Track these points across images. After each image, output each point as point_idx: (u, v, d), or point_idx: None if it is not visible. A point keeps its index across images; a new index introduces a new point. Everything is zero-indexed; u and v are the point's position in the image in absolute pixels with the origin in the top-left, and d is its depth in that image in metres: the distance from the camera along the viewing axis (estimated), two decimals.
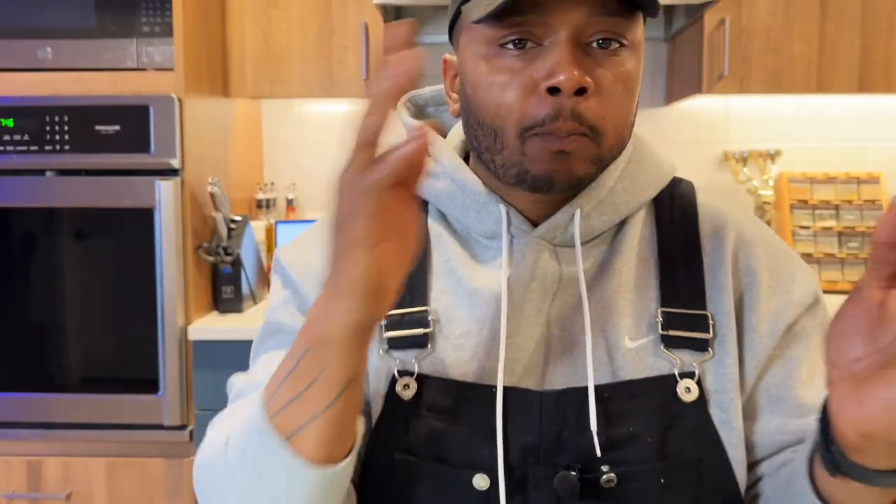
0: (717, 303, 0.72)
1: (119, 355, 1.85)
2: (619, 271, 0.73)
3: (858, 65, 2.07)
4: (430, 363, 0.71)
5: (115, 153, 1.81)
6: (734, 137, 2.44)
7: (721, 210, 0.77)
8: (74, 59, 1.88)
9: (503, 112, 0.65)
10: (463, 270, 0.73)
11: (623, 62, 0.65)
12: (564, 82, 0.61)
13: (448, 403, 0.69)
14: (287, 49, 2.12)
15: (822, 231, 2.31)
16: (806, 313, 0.74)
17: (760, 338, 0.72)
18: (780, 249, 0.77)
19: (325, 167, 2.50)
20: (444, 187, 0.75)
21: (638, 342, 0.70)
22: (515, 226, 0.72)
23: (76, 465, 1.86)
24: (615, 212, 0.73)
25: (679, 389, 0.69)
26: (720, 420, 0.69)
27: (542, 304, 0.71)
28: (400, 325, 0.72)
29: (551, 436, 0.68)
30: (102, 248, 1.84)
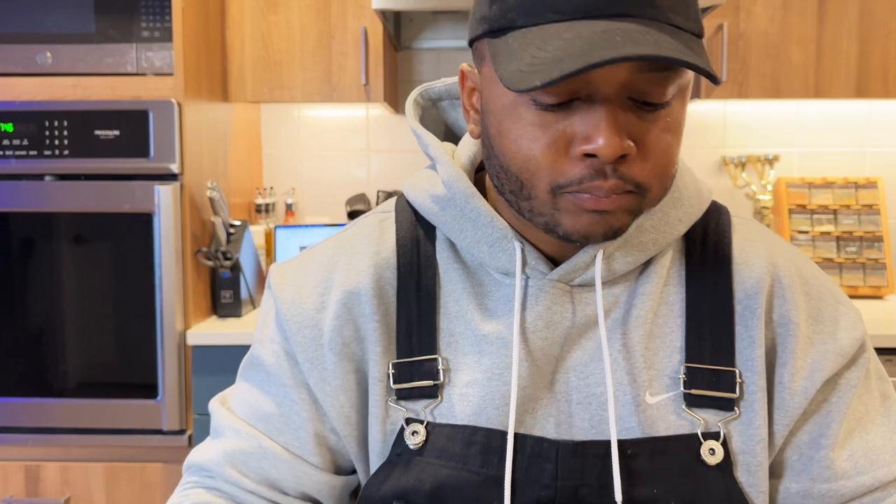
0: (746, 356, 0.66)
1: (118, 360, 1.85)
2: (643, 318, 0.66)
3: (856, 70, 2.07)
4: (441, 412, 0.67)
5: (115, 158, 1.81)
6: (733, 142, 2.45)
7: (758, 249, 0.70)
8: (74, 64, 1.88)
9: (532, 167, 0.58)
10: (472, 313, 0.68)
11: (671, 112, 0.58)
12: (603, 150, 0.55)
13: (457, 450, 0.65)
14: (286, 54, 2.12)
15: (821, 236, 2.32)
16: (850, 366, 0.68)
17: (793, 395, 0.66)
18: (823, 293, 0.70)
19: (324, 172, 2.51)
20: (453, 218, 0.68)
21: (658, 398, 0.65)
22: (531, 265, 0.66)
23: (75, 469, 1.85)
24: (641, 252, 0.66)
25: (703, 451, 0.64)
26: (747, 483, 0.65)
27: (559, 351, 0.66)
28: (409, 377, 0.67)
29: (568, 490, 0.63)
30: (101, 252, 1.84)
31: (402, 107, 2.48)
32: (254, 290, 2.07)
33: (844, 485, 0.66)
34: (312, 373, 0.69)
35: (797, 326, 0.67)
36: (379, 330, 0.68)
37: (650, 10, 0.54)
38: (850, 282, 2.28)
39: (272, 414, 0.71)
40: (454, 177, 0.68)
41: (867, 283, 2.27)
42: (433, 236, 0.71)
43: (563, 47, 0.53)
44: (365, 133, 2.49)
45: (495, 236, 0.66)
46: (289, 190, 2.48)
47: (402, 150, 2.49)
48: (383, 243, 0.71)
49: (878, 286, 2.26)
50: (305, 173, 2.50)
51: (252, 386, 0.73)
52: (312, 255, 0.75)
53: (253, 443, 0.70)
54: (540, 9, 0.55)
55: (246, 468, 0.70)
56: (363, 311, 0.69)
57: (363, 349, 0.69)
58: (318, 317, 0.69)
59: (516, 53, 0.55)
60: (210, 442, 0.74)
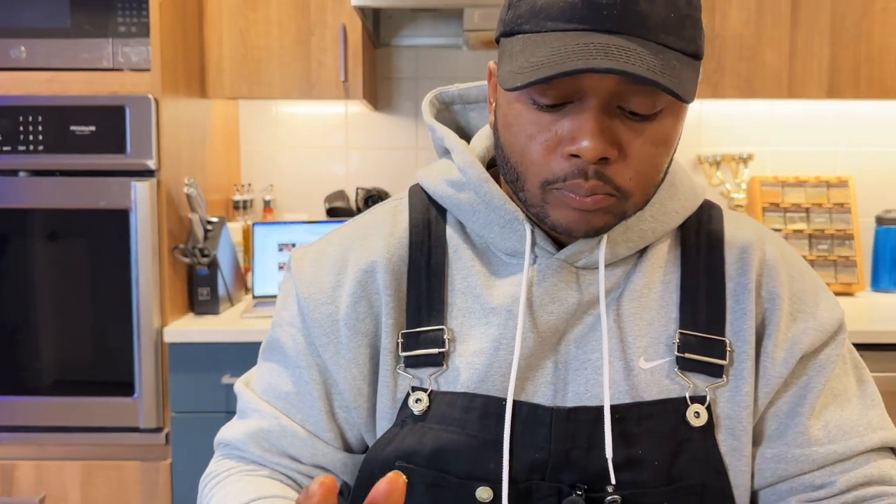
0: (737, 328, 0.71)
1: (94, 357, 1.83)
2: (640, 293, 0.72)
3: (828, 71, 2.11)
4: (445, 380, 0.71)
5: (91, 154, 1.79)
6: (708, 141, 2.48)
7: (748, 234, 0.75)
8: (49, 59, 1.86)
9: (526, 161, 0.64)
10: (481, 288, 0.72)
11: (659, 125, 0.63)
12: (585, 151, 0.60)
13: (457, 415, 0.69)
14: (265, 50, 2.11)
15: (794, 234, 2.36)
16: (829, 342, 0.73)
17: (774, 365, 0.71)
18: (805, 275, 0.75)
19: (302, 169, 2.50)
20: (467, 200, 0.73)
21: (653, 363, 0.70)
22: (540, 246, 0.71)
23: (50, 468, 1.84)
24: (641, 238, 0.72)
25: (689, 414, 0.68)
26: (730, 447, 0.69)
27: (561, 324, 0.71)
28: (416, 345, 0.71)
29: (560, 453, 0.67)
30: (77, 249, 1.82)
31: (382, 104, 2.48)
32: (231, 287, 2.06)
33: (816, 451, 0.70)
34: (328, 347, 0.74)
35: (782, 301, 0.72)
36: (391, 304, 0.73)
37: (640, 29, 0.59)
38: (822, 279, 2.31)
39: (290, 393, 0.76)
40: (469, 163, 0.73)
41: (838, 281, 2.31)
42: (445, 219, 0.76)
43: (547, 55, 0.58)
44: (344, 130, 2.49)
45: (507, 218, 0.71)
46: (267, 186, 2.47)
47: (380, 147, 2.49)
48: (397, 225, 0.76)
49: (849, 283, 2.31)
50: (284, 170, 2.50)
51: (272, 366, 0.78)
52: (330, 238, 0.80)
53: (273, 422, 0.75)
54: (542, 18, 0.61)
55: (268, 444, 0.76)
56: (376, 287, 0.73)
57: (376, 324, 0.74)
58: (335, 294, 0.74)
59: (516, 56, 0.61)
60: (237, 421, 0.79)
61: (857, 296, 2.31)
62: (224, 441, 0.79)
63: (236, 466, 0.77)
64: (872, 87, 2.11)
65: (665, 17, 0.59)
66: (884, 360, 1.84)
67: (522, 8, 0.62)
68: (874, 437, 0.71)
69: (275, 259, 2.17)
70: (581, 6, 0.59)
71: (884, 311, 2.08)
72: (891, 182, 2.47)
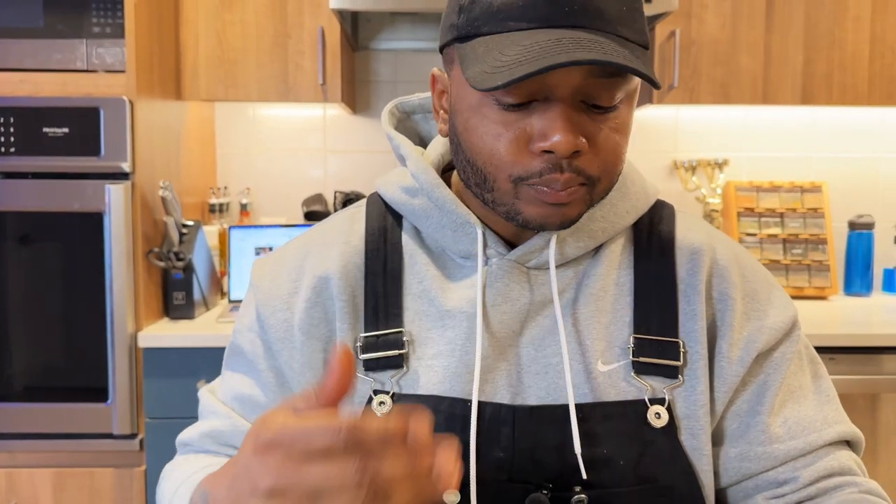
0: (689, 329, 0.72)
1: (67, 363, 1.80)
2: (595, 296, 0.73)
3: (802, 78, 2.14)
4: (406, 382, 0.72)
5: (64, 156, 1.77)
6: (683, 147, 2.50)
7: (699, 236, 0.77)
8: (21, 60, 1.83)
9: (496, 161, 0.64)
10: (436, 292, 0.74)
11: (618, 115, 0.65)
12: (559, 146, 0.61)
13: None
14: (242, 52, 2.10)
15: (768, 238, 2.38)
16: (783, 340, 0.75)
17: (731, 364, 0.73)
18: (757, 275, 0.77)
19: (280, 172, 2.48)
20: (420, 205, 0.75)
21: (610, 366, 0.71)
22: (491, 247, 0.73)
23: (21, 476, 1.80)
24: (591, 238, 0.73)
25: (650, 415, 0.69)
26: (691, 447, 0.71)
27: (515, 325, 0.72)
28: (375, 348, 0.72)
29: (524, 452, 0.68)
30: (50, 253, 1.79)
31: (360, 107, 2.47)
32: (207, 291, 2.04)
33: (778, 448, 0.72)
34: (283, 351, 0.76)
35: (734, 302, 0.74)
36: (346, 309, 0.74)
37: (599, 23, 0.60)
38: (795, 283, 2.34)
39: (247, 395, 0.78)
40: (422, 169, 0.75)
41: (812, 285, 2.34)
42: (400, 225, 0.78)
43: (522, 52, 0.59)
44: (322, 133, 2.48)
45: (459, 221, 0.73)
46: (243, 190, 2.45)
47: (359, 150, 2.48)
48: (353, 234, 0.78)
49: (823, 287, 2.34)
50: (261, 173, 2.48)
51: (233, 372, 0.80)
52: (288, 247, 0.82)
53: (227, 422, 0.78)
54: (502, 18, 0.61)
55: (221, 442, 0.78)
56: (331, 293, 0.75)
57: (330, 330, 0.75)
58: (291, 300, 0.76)
59: (481, 57, 0.61)
60: (195, 423, 0.82)
61: (831, 299, 2.34)
62: (182, 441, 0.82)
63: (191, 456, 0.80)
64: (845, 94, 2.14)
65: (619, 10, 0.62)
66: (856, 363, 1.87)
67: (476, 11, 0.63)
68: (832, 431, 0.73)
69: (251, 263, 2.15)
70: (541, 3, 0.60)
71: (856, 315, 2.11)
72: (863, 187, 2.51)
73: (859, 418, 1.87)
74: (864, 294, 2.38)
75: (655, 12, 1.99)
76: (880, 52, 2.13)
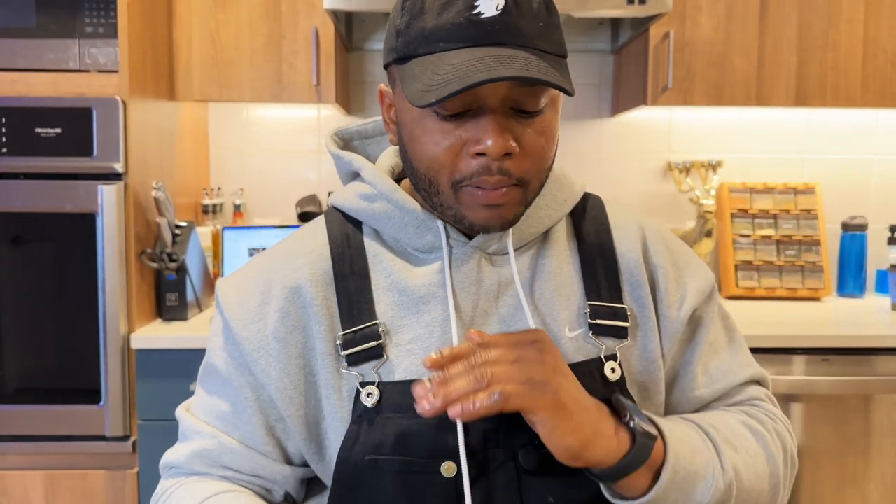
0: (636, 296, 0.83)
1: (59, 364, 1.79)
2: (552, 273, 0.82)
3: (795, 79, 2.14)
4: (388, 370, 0.77)
5: (57, 157, 1.76)
6: (677, 148, 2.51)
7: (629, 219, 0.88)
8: (13, 59, 1.82)
9: (436, 166, 0.73)
10: (405, 283, 0.79)
11: (543, 118, 0.73)
12: (491, 149, 0.69)
13: (410, 401, 0.73)
14: (236, 53, 2.09)
15: (762, 239, 2.39)
16: (707, 301, 0.87)
17: (671, 323, 0.84)
18: (679, 249, 0.89)
19: (273, 173, 2.48)
20: (380, 208, 0.81)
21: (575, 332, 0.80)
22: (454, 238, 0.80)
23: (12, 478, 1.79)
24: (539, 223, 0.83)
25: (606, 370, 0.78)
26: (641, 398, 0.82)
27: (487, 305, 0.79)
28: (354, 342, 0.77)
29: (507, 420, 0.73)
30: (42, 253, 1.78)
31: (354, 108, 2.47)
32: (200, 292, 2.03)
33: (704, 391, 0.86)
34: (259, 361, 0.79)
35: (666, 271, 0.85)
36: (320, 313, 0.79)
37: (519, 39, 0.69)
38: (789, 284, 2.35)
39: (227, 412, 0.81)
40: (378, 177, 0.82)
41: (805, 286, 2.35)
42: (361, 230, 0.84)
43: (451, 71, 0.67)
44: (316, 133, 2.48)
45: (420, 218, 0.80)
46: (237, 190, 2.44)
47: None
48: (317, 243, 0.83)
49: (816, 288, 2.34)
50: (254, 174, 2.47)
51: (209, 391, 0.84)
52: (252, 265, 0.86)
53: (213, 441, 0.80)
54: (433, 41, 0.70)
55: (210, 461, 0.81)
56: (303, 301, 0.79)
57: (306, 336, 0.79)
58: (262, 311, 0.80)
59: (417, 77, 0.70)
60: (179, 445, 0.84)
61: (824, 300, 2.35)
62: (169, 464, 0.84)
63: (184, 480, 0.82)
64: (838, 95, 2.15)
65: (535, 26, 0.70)
66: (849, 364, 1.87)
67: (412, 35, 0.71)
68: (745, 372, 0.88)
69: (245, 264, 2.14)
70: (466, 25, 0.68)
71: (849, 317, 2.11)
72: (856, 189, 2.52)
73: (852, 419, 1.88)
74: (858, 295, 2.38)
75: (649, 13, 1.99)
76: (873, 54, 2.14)
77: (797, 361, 1.87)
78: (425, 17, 0.70)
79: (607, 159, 2.50)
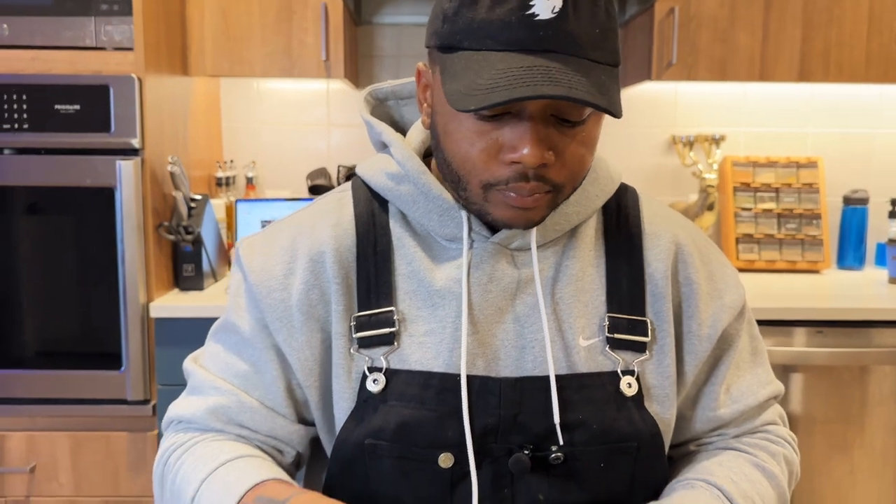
0: (657, 309, 0.80)
1: (83, 332, 1.88)
2: (575, 276, 0.79)
3: (799, 55, 2.16)
4: (397, 359, 0.77)
5: (76, 132, 1.82)
6: (682, 122, 2.54)
7: (662, 224, 0.84)
8: (32, 37, 1.87)
9: (469, 166, 0.70)
10: (425, 273, 0.78)
11: (585, 128, 0.70)
12: (527, 158, 0.66)
13: (416, 392, 0.75)
14: (246, 28, 2.13)
15: (763, 213, 2.43)
16: (739, 317, 0.85)
17: (701, 341, 0.82)
18: (713, 259, 0.86)
19: (284, 146, 2.53)
20: (407, 191, 0.79)
21: (590, 342, 0.78)
22: (476, 230, 0.78)
23: (40, 439, 1.89)
24: (567, 221, 0.80)
25: (622, 385, 0.77)
26: (657, 412, 0.79)
27: (502, 303, 0.78)
28: (368, 326, 0.77)
29: (508, 418, 0.75)
30: (64, 226, 1.85)
31: (363, 82, 2.51)
32: (215, 263, 2.11)
33: (725, 412, 0.85)
34: (281, 331, 0.79)
35: (699, 286, 0.83)
36: (340, 291, 0.78)
37: (572, 48, 0.65)
38: (789, 257, 2.40)
39: (248, 372, 0.81)
40: (407, 157, 0.79)
41: (805, 259, 2.39)
42: (387, 210, 0.82)
43: (495, 78, 0.64)
44: (325, 106, 2.52)
45: (444, 207, 0.78)
46: (249, 163, 2.50)
47: (362, 124, 2.51)
48: (342, 216, 0.82)
49: (815, 261, 2.39)
50: (265, 147, 2.53)
51: (226, 348, 0.83)
52: (277, 228, 0.84)
53: (232, 398, 0.80)
54: (481, 37, 0.66)
55: (227, 418, 0.81)
56: (327, 275, 0.79)
57: (327, 311, 0.79)
58: (287, 281, 0.79)
59: (459, 75, 0.66)
60: (190, 397, 0.83)
61: (823, 273, 2.39)
62: (179, 417, 0.83)
63: (197, 436, 0.81)
64: (842, 71, 2.17)
65: (591, 33, 0.66)
66: (844, 336, 1.92)
67: (460, 24, 0.67)
68: (763, 392, 0.86)
69: None
70: (518, 26, 0.64)
71: (847, 290, 2.16)
72: (858, 163, 2.54)
73: (848, 390, 1.94)
74: (857, 268, 2.43)
75: None
76: (878, 30, 2.15)
77: (796, 333, 1.92)
78: (476, 8, 0.66)
79: (612, 133, 2.53)
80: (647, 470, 0.79)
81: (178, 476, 0.78)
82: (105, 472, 1.91)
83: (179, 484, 0.77)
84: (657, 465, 0.80)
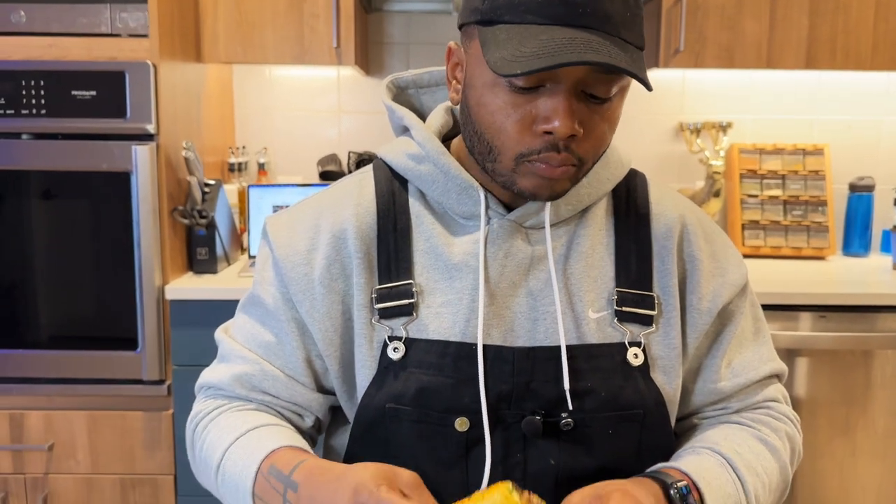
0: (664, 284, 0.84)
1: (100, 314, 1.92)
2: (585, 253, 0.84)
3: (806, 42, 2.18)
4: (416, 328, 0.81)
5: (92, 118, 1.85)
6: (689, 109, 2.55)
7: (668, 205, 0.88)
8: (48, 24, 1.90)
9: (503, 137, 0.74)
10: (443, 248, 0.83)
11: (611, 105, 0.74)
12: (559, 129, 0.70)
13: (434, 360, 0.79)
14: (259, 15, 2.16)
15: (769, 200, 2.45)
16: (740, 295, 0.89)
17: (701, 315, 0.86)
18: (717, 239, 0.90)
19: (295, 132, 2.56)
20: (427, 171, 0.83)
21: (599, 314, 0.82)
22: (492, 208, 0.82)
23: (58, 417, 1.94)
24: (579, 202, 0.84)
25: (629, 355, 0.81)
26: (662, 382, 0.83)
27: (516, 277, 0.82)
28: (388, 298, 0.82)
29: (521, 385, 0.79)
30: (81, 210, 1.89)
31: (373, 69, 2.53)
32: (228, 247, 2.14)
33: (725, 384, 0.88)
34: (304, 303, 0.84)
35: (701, 262, 0.86)
36: (362, 265, 0.83)
37: (607, 25, 0.69)
38: (794, 243, 2.42)
39: (271, 342, 0.86)
40: (427, 138, 0.84)
41: (810, 245, 2.41)
42: (406, 189, 0.86)
43: (539, 46, 0.67)
44: (336, 93, 2.55)
45: (463, 186, 0.82)
46: (261, 149, 2.53)
47: (372, 111, 2.55)
48: (363, 196, 0.86)
49: (821, 248, 2.41)
50: (277, 133, 2.56)
51: (253, 319, 0.88)
52: (302, 207, 0.89)
53: (255, 367, 0.86)
54: (522, 11, 0.70)
55: (250, 385, 0.86)
56: (348, 251, 0.83)
57: (348, 284, 0.83)
58: (310, 256, 0.84)
59: (502, 44, 0.69)
60: (219, 365, 0.90)
61: (828, 259, 2.41)
62: (208, 384, 0.89)
63: (224, 404, 0.87)
64: (848, 58, 2.18)
65: (623, 15, 0.70)
66: (848, 321, 1.95)
67: (500, 0, 0.71)
68: (765, 368, 0.90)
69: None
70: (557, 3, 0.68)
71: (851, 275, 2.18)
72: (864, 150, 2.56)
73: (852, 373, 1.96)
74: (862, 255, 2.44)
75: None
76: (884, 17, 2.16)
77: (801, 318, 1.94)
78: None
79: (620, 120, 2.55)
80: (653, 438, 0.83)
81: (205, 444, 0.84)
82: (121, 451, 1.95)
83: (207, 450, 0.84)
84: (663, 434, 0.84)
